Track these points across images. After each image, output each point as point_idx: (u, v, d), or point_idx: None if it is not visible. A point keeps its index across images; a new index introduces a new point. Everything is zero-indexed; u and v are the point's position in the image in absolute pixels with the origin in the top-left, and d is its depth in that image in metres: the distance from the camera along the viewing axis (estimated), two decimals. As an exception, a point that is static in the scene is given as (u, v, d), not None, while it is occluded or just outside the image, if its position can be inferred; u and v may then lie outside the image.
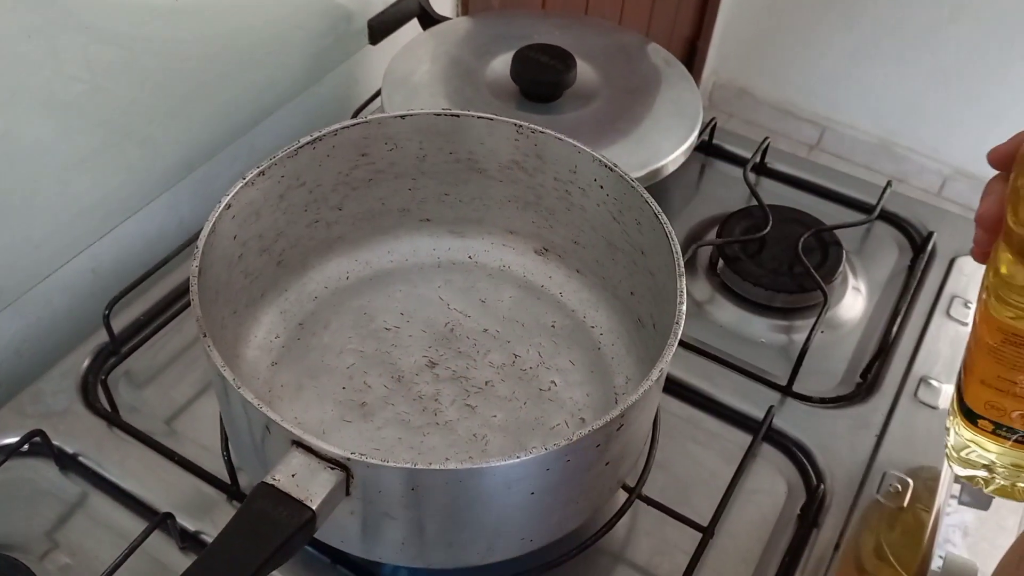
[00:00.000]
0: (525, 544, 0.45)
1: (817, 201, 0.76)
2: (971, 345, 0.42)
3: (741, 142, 0.79)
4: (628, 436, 0.44)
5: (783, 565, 0.52)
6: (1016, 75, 1.75)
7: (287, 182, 0.52)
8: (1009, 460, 0.42)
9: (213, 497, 0.52)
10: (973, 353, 0.42)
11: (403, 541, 0.43)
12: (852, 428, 0.58)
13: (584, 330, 0.57)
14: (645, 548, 0.52)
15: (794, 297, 0.65)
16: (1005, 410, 0.40)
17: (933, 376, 0.62)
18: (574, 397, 0.53)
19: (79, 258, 0.63)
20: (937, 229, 0.72)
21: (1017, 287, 0.38)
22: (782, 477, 0.57)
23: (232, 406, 0.42)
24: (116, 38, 0.59)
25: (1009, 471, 0.42)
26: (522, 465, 0.39)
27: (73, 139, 0.59)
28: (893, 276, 0.70)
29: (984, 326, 0.40)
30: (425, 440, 0.50)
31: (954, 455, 0.45)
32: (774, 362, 0.63)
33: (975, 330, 0.41)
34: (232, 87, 0.70)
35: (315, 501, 0.37)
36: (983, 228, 0.40)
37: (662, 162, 0.67)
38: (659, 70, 0.76)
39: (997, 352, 0.40)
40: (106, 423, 0.55)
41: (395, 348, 0.55)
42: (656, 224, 0.49)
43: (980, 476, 0.44)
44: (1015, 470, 0.42)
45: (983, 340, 0.40)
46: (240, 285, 0.52)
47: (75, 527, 0.51)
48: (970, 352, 0.42)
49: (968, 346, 0.42)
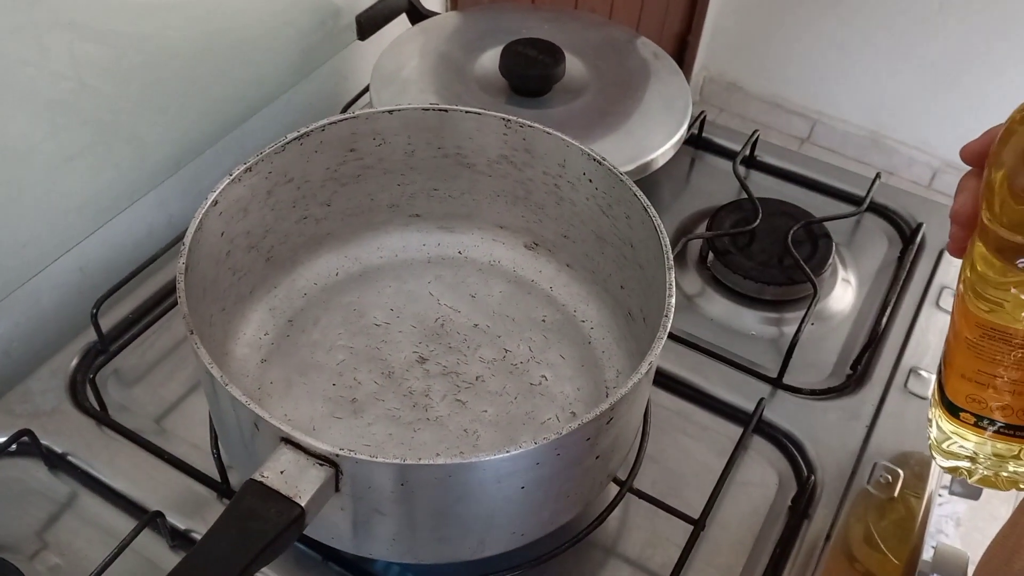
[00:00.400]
0: (516, 538, 0.45)
1: (806, 194, 0.76)
2: (950, 340, 0.42)
3: (731, 135, 0.79)
4: (618, 429, 0.44)
5: (774, 556, 0.52)
6: (1006, 67, 1.76)
7: (275, 178, 0.52)
8: (991, 451, 0.42)
9: (203, 495, 0.52)
10: (952, 347, 0.42)
11: (394, 537, 0.43)
12: (842, 419, 0.58)
13: (574, 324, 0.57)
14: (637, 541, 0.52)
15: (784, 289, 0.65)
16: (985, 403, 0.41)
17: (923, 367, 0.62)
18: (565, 391, 0.53)
19: (67, 256, 0.63)
20: (926, 221, 0.72)
21: (993, 281, 0.38)
22: (773, 469, 0.57)
23: (221, 404, 0.42)
24: (102, 35, 0.58)
25: (992, 461, 0.42)
26: (512, 459, 0.39)
27: (60, 137, 0.58)
28: (882, 268, 0.70)
29: (962, 321, 0.40)
30: (416, 436, 0.50)
31: (937, 447, 0.45)
32: (764, 354, 0.63)
33: (953, 325, 0.41)
34: (220, 84, 0.69)
35: (304, 498, 0.37)
36: (958, 224, 0.41)
37: (651, 156, 0.67)
38: (648, 64, 0.76)
39: (975, 346, 0.40)
40: (95, 422, 0.55)
41: (385, 344, 0.55)
42: (645, 217, 0.49)
43: (963, 467, 0.44)
44: (997, 460, 0.42)
45: (961, 335, 0.40)
46: (228, 282, 0.51)
47: (65, 526, 0.51)
48: (949, 346, 0.42)
49: (947, 340, 0.43)
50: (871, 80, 1.92)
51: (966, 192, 0.40)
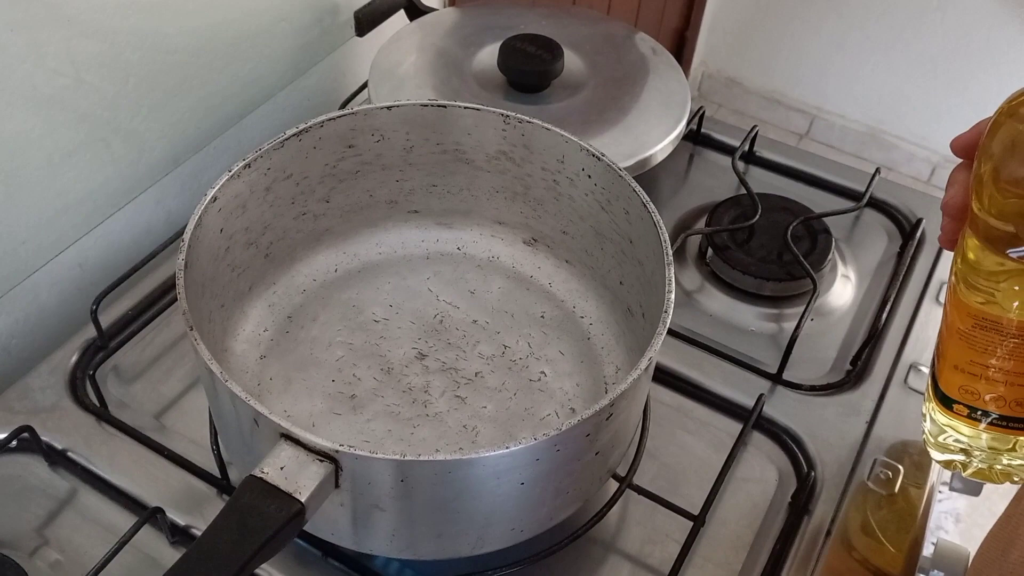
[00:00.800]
0: (515, 534, 0.45)
1: (806, 189, 0.76)
2: (943, 332, 0.42)
3: (729, 131, 0.79)
4: (618, 425, 0.44)
5: (775, 552, 0.52)
6: (1005, 62, 1.76)
7: (273, 174, 0.52)
8: (985, 443, 0.42)
9: (203, 491, 0.52)
10: (945, 339, 0.42)
11: (393, 533, 0.43)
12: (842, 415, 0.58)
13: (573, 320, 0.57)
14: (636, 537, 0.52)
15: (783, 285, 0.65)
16: (979, 394, 0.41)
17: (923, 362, 0.62)
18: (564, 387, 0.53)
19: (66, 253, 0.63)
20: (926, 216, 0.72)
21: (984, 272, 0.38)
22: (773, 465, 0.57)
23: (220, 400, 0.42)
24: (99, 32, 0.58)
25: (986, 454, 0.42)
26: (511, 455, 0.39)
27: (57, 134, 0.58)
28: (882, 263, 0.70)
29: (954, 312, 0.41)
30: (415, 432, 0.50)
31: (931, 440, 0.45)
32: (764, 350, 0.63)
33: (946, 317, 0.42)
34: (217, 80, 0.69)
35: (304, 494, 0.37)
36: (949, 216, 0.41)
37: (650, 151, 0.67)
38: (646, 59, 0.76)
39: (968, 337, 0.40)
40: (95, 418, 0.55)
41: (384, 340, 0.55)
42: (644, 213, 0.49)
43: (957, 460, 0.44)
44: (992, 452, 0.42)
45: (954, 326, 0.41)
46: (227, 279, 0.51)
47: (65, 523, 0.51)
48: (942, 339, 0.42)
49: (940, 333, 0.43)
50: (870, 75, 1.92)
51: (956, 184, 0.40)
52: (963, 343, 0.40)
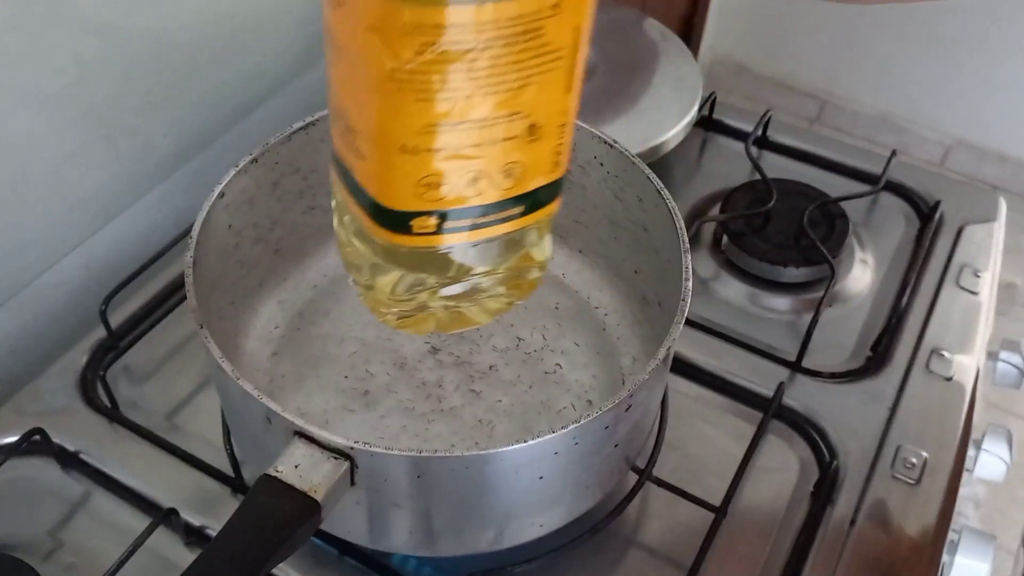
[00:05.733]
0: (535, 529, 0.44)
1: (821, 173, 0.75)
2: (354, 121, 0.28)
3: (742, 116, 0.78)
4: (636, 417, 0.43)
5: (798, 543, 0.51)
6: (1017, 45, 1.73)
7: (281, 168, 0.51)
8: (457, 272, 0.30)
9: (217, 491, 0.52)
10: (369, 116, 0.28)
11: (411, 530, 0.42)
12: (864, 402, 0.57)
13: (588, 311, 0.56)
14: (657, 530, 0.52)
15: (801, 271, 0.64)
16: (452, 181, 0.27)
17: (944, 347, 0.61)
18: (580, 379, 0.52)
19: (73, 254, 0.62)
20: (944, 198, 0.71)
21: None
22: (794, 454, 0.56)
23: (232, 398, 0.41)
24: (101, 29, 0.57)
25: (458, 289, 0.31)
26: (529, 449, 0.38)
27: (61, 133, 0.58)
28: (901, 247, 0.69)
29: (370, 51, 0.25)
30: (430, 427, 0.49)
31: (383, 305, 0.33)
32: (782, 338, 0.62)
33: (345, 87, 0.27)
34: (222, 75, 0.68)
35: (320, 492, 0.36)
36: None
37: (662, 138, 0.66)
38: (656, 45, 0.75)
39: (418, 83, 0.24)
40: (106, 419, 0.55)
41: (396, 335, 0.54)
42: (659, 200, 0.48)
43: (410, 315, 0.32)
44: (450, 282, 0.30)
45: (379, 81, 0.26)
46: (237, 275, 0.51)
47: (78, 525, 0.51)
48: (356, 125, 0.28)
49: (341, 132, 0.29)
50: (881, 59, 1.90)
51: None
52: (412, 98, 0.26)
